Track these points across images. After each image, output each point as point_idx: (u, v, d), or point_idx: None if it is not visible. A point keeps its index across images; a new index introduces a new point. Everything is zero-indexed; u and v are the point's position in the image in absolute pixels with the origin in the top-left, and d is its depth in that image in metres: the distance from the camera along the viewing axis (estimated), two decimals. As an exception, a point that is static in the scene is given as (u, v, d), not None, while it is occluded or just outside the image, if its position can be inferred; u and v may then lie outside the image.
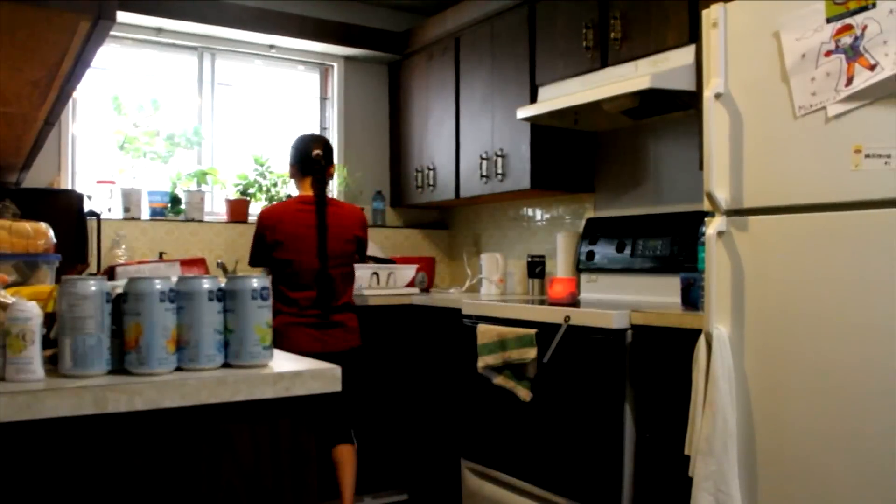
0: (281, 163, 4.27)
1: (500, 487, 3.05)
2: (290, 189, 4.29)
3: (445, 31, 4.09)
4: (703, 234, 2.18)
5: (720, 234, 2.07)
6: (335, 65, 4.54)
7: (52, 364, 1.25)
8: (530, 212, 4.11)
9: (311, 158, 3.15)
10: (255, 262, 3.18)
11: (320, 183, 3.13)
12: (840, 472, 1.81)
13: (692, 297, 2.59)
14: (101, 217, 3.44)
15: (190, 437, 1.23)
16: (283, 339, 2.95)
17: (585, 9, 3.16)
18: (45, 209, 2.62)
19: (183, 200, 3.97)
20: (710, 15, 2.12)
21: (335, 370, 1.34)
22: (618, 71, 3.00)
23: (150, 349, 1.24)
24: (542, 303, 3.10)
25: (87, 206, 3.29)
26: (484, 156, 3.77)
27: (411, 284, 4.03)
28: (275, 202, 4.19)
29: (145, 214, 3.88)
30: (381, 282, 3.88)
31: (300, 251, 3.06)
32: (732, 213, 2.07)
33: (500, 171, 3.66)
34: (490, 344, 2.93)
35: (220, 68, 4.23)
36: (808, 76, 1.88)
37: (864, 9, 1.77)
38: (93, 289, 1.23)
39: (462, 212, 4.67)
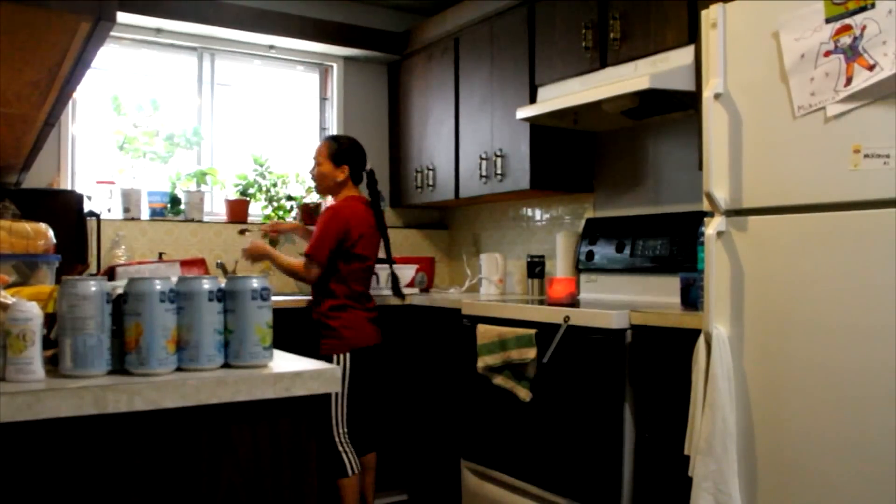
0: (280, 163, 4.28)
1: (499, 487, 3.05)
2: (290, 189, 4.29)
3: (445, 32, 4.09)
4: (703, 234, 2.18)
5: (719, 234, 2.08)
6: (335, 65, 4.54)
7: (53, 364, 1.25)
8: (530, 212, 4.11)
9: (367, 172, 3.41)
10: (328, 257, 3.15)
11: (376, 193, 3.40)
12: (839, 471, 1.82)
13: (691, 297, 2.60)
14: (101, 217, 3.44)
15: (190, 438, 1.23)
16: (355, 332, 3.17)
17: (585, 9, 3.16)
18: (44, 210, 2.62)
19: (182, 201, 3.97)
20: (709, 15, 2.12)
21: (335, 371, 1.35)
22: (617, 71, 3.01)
23: (151, 349, 1.25)
24: (541, 303, 3.10)
25: (86, 207, 3.29)
26: (483, 156, 3.78)
27: (411, 284, 4.03)
28: (274, 201, 4.19)
29: (145, 215, 3.88)
30: (380, 282, 3.87)
31: (371, 250, 3.28)
32: (732, 213, 2.07)
33: (499, 171, 3.66)
34: (490, 344, 2.93)
35: (219, 69, 4.23)
36: (807, 76, 1.88)
37: (863, 9, 1.77)
38: (93, 289, 1.23)
39: (461, 212, 4.67)
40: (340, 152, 3.31)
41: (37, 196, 3.05)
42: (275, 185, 4.22)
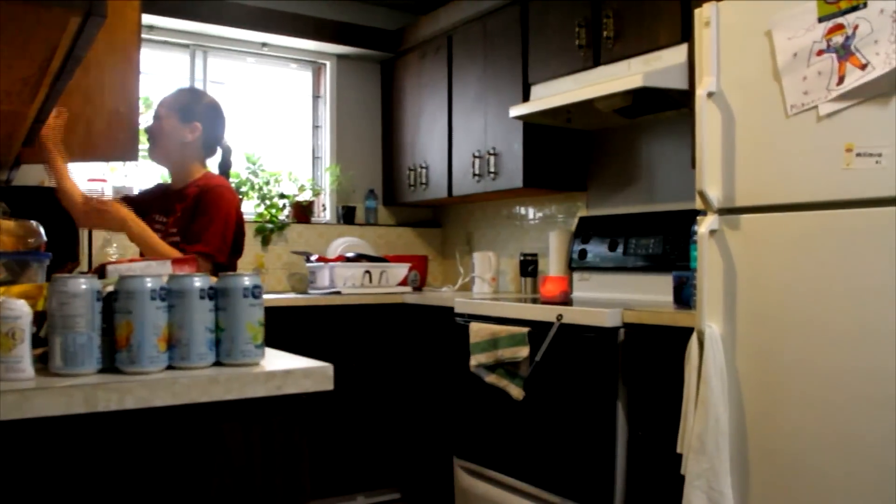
0: (273, 161, 4.27)
1: (492, 486, 3.05)
2: (283, 187, 4.28)
3: (438, 30, 4.08)
4: (696, 233, 2.18)
5: (712, 232, 2.08)
6: (328, 63, 4.53)
7: (43, 363, 1.24)
8: (523, 210, 4.11)
9: (225, 147, 2.56)
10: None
11: (227, 174, 2.56)
12: (832, 469, 1.82)
13: (684, 296, 2.60)
14: (93, 215, 3.42)
15: (181, 436, 1.23)
16: None
17: (578, 7, 3.16)
18: (35, 207, 2.60)
19: (175, 199, 3.95)
20: (702, 14, 2.12)
21: (327, 369, 1.34)
22: (610, 69, 3.01)
23: (141, 347, 1.24)
24: (534, 301, 3.11)
25: (78, 205, 3.27)
26: (477, 154, 3.77)
27: (404, 283, 4.03)
28: (266, 200, 4.18)
29: (137, 213, 3.86)
30: (373, 280, 3.87)
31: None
32: (724, 211, 2.08)
33: (492, 169, 3.66)
34: (482, 342, 2.93)
35: (212, 66, 4.21)
36: (799, 75, 1.89)
37: (855, 8, 1.78)
38: (83, 287, 1.22)
39: (455, 210, 4.67)
40: (191, 107, 2.46)
41: (27, 194, 3.03)
42: (267, 183, 4.21)
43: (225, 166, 2.57)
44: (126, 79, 2.04)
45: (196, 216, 2.28)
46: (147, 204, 2.49)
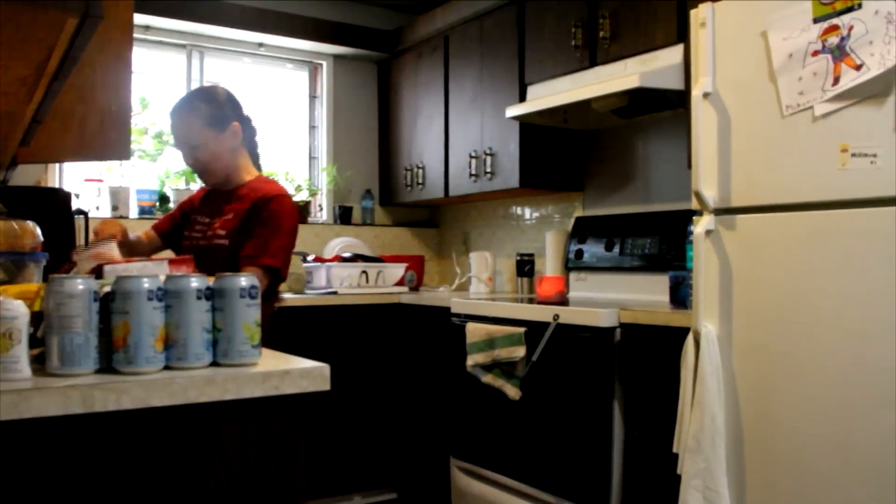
0: (270, 161, 4.27)
1: (489, 485, 3.05)
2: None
3: (435, 30, 4.09)
4: (692, 233, 2.19)
5: (708, 232, 2.08)
6: (324, 63, 4.53)
7: (40, 363, 1.24)
8: (519, 210, 4.12)
9: (247, 118, 2.47)
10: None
11: (256, 154, 2.53)
12: (828, 469, 1.83)
13: (681, 296, 2.60)
14: (89, 215, 3.42)
15: (178, 437, 1.23)
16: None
17: (574, 8, 3.17)
18: (32, 207, 2.60)
19: (171, 199, 3.95)
20: (698, 14, 2.13)
21: (324, 369, 1.34)
22: (607, 70, 3.01)
23: (138, 348, 1.24)
24: (530, 301, 3.11)
25: (74, 205, 3.27)
26: (473, 154, 3.78)
27: (400, 283, 4.03)
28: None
29: (133, 213, 3.86)
30: (369, 280, 3.87)
31: None
32: (720, 211, 2.08)
33: (489, 169, 3.66)
34: (479, 342, 2.93)
35: (208, 67, 4.21)
36: (795, 76, 1.89)
37: (850, 9, 1.78)
38: (80, 287, 1.22)
39: (451, 210, 4.67)
40: (219, 111, 2.36)
41: (24, 194, 3.03)
42: (264, 183, 4.20)
43: (252, 146, 2.50)
44: (119, 77, 2.05)
45: (259, 226, 2.23)
46: (189, 207, 2.53)
